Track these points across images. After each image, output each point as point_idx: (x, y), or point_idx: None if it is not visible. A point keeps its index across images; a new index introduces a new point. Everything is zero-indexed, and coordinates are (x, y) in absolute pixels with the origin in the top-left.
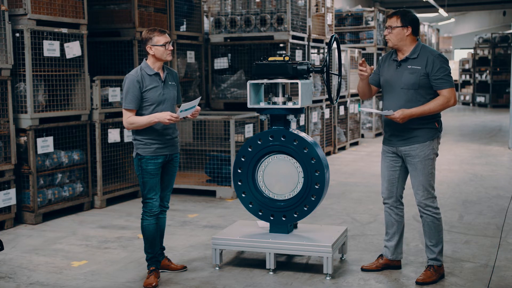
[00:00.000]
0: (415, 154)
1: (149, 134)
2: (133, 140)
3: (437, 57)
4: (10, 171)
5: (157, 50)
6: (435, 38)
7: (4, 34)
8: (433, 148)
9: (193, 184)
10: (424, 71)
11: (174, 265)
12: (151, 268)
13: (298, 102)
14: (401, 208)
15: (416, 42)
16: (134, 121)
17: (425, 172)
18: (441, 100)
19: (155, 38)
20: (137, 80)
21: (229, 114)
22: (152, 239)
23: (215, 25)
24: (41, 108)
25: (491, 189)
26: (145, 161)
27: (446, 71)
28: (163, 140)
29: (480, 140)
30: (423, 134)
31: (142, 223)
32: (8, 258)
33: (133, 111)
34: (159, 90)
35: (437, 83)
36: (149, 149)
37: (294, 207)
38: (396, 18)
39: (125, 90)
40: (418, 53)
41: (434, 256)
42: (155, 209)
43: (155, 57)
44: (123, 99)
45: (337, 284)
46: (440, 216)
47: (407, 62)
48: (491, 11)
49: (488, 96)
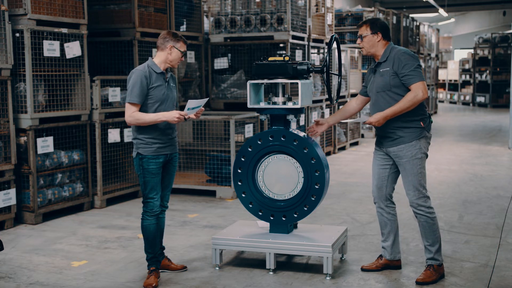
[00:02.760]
0: (402, 154)
1: (151, 133)
2: (134, 139)
3: (401, 55)
4: (10, 171)
5: (176, 54)
6: (435, 38)
7: (4, 34)
8: (420, 147)
9: (193, 184)
10: (392, 71)
11: (174, 265)
12: (151, 268)
13: (298, 102)
14: (392, 207)
15: (385, 46)
16: (139, 117)
17: (414, 172)
18: (410, 96)
19: (179, 43)
20: (145, 75)
21: (229, 114)
22: (152, 239)
23: (215, 25)
24: (41, 108)
25: (491, 189)
26: (147, 160)
27: (412, 66)
28: (164, 140)
29: (480, 140)
30: (407, 135)
31: (143, 223)
32: (8, 258)
33: (138, 106)
34: (163, 89)
35: (405, 79)
36: (150, 149)
37: (294, 207)
38: (366, 26)
39: (132, 84)
40: (388, 56)
41: (432, 256)
42: (156, 208)
43: (167, 59)
44: (128, 93)
45: (337, 284)
46: (434, 215)
47: (380, 67)
48: (491, 11)
49: (488, 96)
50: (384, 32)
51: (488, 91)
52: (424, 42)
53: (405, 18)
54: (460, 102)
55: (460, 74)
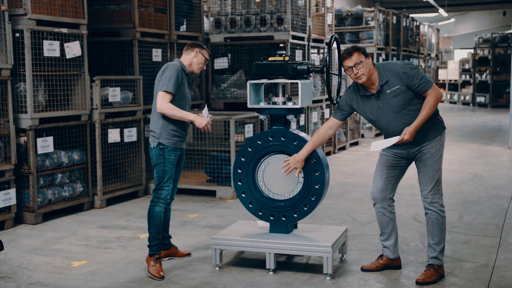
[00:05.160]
0: (427, 151)
1: (176, 126)
2: (154, 130)
3: (402, 68)
4: (10, 171)
5: (200, 58)
6: (435, 38)
7: (4, 34)
8: (442, 142)
9: (193, 184)
10: (404, 87)
11: (180, 252)
12: (155, 256)
13: (298, 102)
14: (393, 205)
15: (375, 68)
16: (174, 108)
17: (435, 167)
18: (431, 101)
19: (205, 51)
20: (180, 71)
21: (229, 114)
22: (160, 225)
23: (215, 25)
24: (41, 108)
25: (491, 189)
26: (169, 151)
27: (418, 75)
28: (183, 135)
29: (480, 140)
30: (432, 131)
31: (154, 209)
32: (8, 258)
33: (171, 96)
34: (187, 89)
35: (420, 88)
36: (172, 141)
37: (294, 207)
38: (357, 53)
39: (168, 75)
40: (385, 75)
41: (435, 255)
42: (168, 197)
43: (192, 62)
44: (163, 82)
45: (337, 284)
46: (444, 214)
47: (384, 89)
48: (491, 11)
49: (488, 96)
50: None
51: (488, 91)
52: (424, 42)
53: (405, 18)
54: (460, 102)
55: (460, 74)
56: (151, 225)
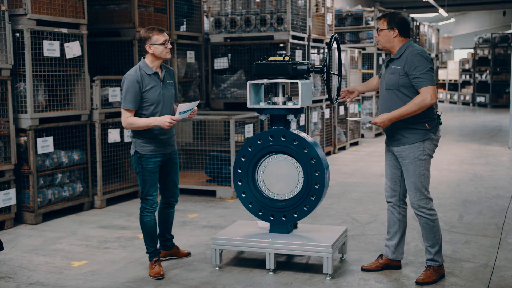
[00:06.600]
0: (405, 155)
1: (146, 136)
2: (132, 137)
3: (414, 56)
4: (10, 171)
5: (157, 48)
6: (435, 38)
7: (4, 34)
8: (423, 149)
9: (193, 184)
10: (403, 71)
11: (181, 251)
12: (154, 259)
13: (298, 102)
14: (404, 208)
15: (403, 43)
16: (133, 122)
17: (416, 173)
18: (417, 100)
19: (154, 37)
20: (137, 80)
21: (229, 114)
22: (152, 233)
23: (215, 25)
24: (41, 108)
25: (491, 189)
26: (145, 159)
27: (424, 69)
28: (161, 140)
29: (480, 140)
30: (411, 136)
31: (143, 219)
32: (8, 258)
33: (132, 111)
34: (158, 90)
35: (415, 82)
36: (148, 148)
37: (294, 207)
38: (383, 20)
39: (125, 89)
40: (402, 53)
41: (431, 257)
42: (155, 205)
43: (154, 56)
44: (122, 98)
45: (337, 284)
46: (435, 217)
47: (392, 63)
48: (491, 11)
49: (488, 96)
50: (402, 28)
51: (488, 91)
52: (424, 42)
53: None
54: (460, 102)
55: (460, 74)
56: (143, 234)
